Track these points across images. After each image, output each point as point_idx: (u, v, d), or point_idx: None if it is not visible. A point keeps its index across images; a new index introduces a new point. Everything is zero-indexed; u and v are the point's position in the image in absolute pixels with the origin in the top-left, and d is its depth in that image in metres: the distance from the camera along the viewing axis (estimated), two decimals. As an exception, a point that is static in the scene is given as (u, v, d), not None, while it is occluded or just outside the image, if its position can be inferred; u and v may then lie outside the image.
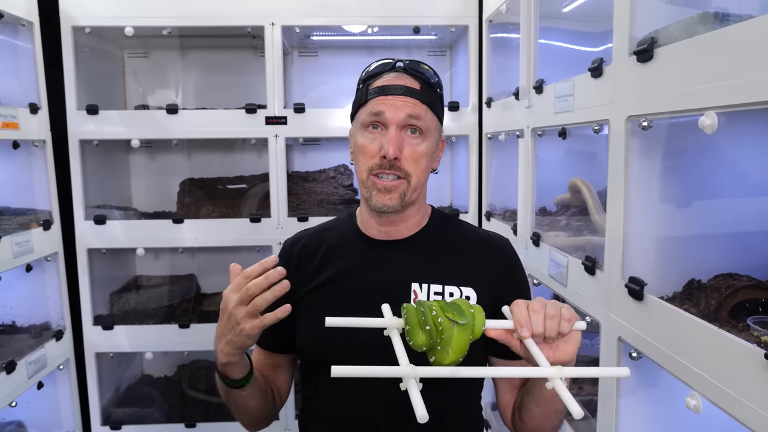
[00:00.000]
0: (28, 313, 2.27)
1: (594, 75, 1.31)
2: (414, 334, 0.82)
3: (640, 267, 1.19)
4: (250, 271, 0.91)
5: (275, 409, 1.18)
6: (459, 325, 0.81)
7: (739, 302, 1.00)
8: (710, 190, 1.20)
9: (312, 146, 2.78)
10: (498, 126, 2.16)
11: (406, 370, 0.72)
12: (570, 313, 0.85)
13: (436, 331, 0.81)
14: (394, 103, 1.04)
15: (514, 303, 0.88)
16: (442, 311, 0.82)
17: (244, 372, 1.02)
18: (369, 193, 1.06)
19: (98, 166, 2.44)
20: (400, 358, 0.76)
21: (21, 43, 2.16)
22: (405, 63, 1.09)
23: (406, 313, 0.84)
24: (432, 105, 1.07)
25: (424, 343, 0.82)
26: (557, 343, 0.86)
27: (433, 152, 1.10)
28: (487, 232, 1.19)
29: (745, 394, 0.83)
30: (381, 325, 0.84)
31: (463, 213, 2.42)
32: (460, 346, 0.81)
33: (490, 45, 2.27)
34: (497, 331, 0.86)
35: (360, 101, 1.09)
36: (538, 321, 0.84)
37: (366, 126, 1.06)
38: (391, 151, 1.01)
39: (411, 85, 1.06)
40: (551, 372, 0.77)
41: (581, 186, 1.59)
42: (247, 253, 2.69)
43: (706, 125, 0.89)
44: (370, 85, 1.08)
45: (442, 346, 0.80)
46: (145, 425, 2.46)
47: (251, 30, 2.31)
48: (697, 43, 0.94)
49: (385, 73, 1.08)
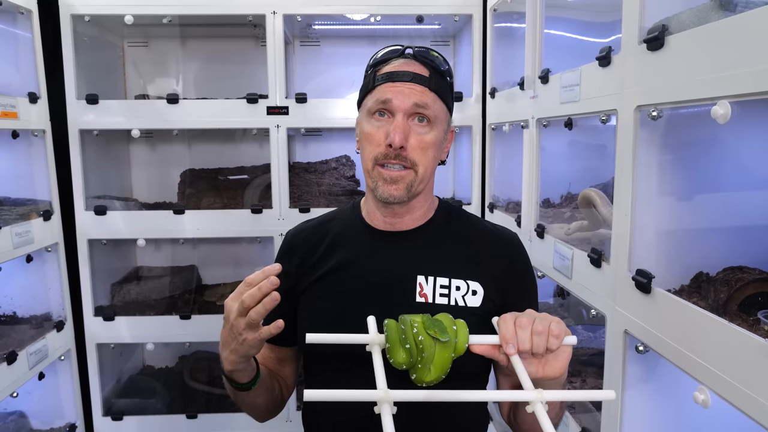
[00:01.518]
0: (28, 304, 2.27)
1: (602, 64, 1.29)
2: (394, 352, 0.81)
3: (646, 259, 1.17)
4: (252, 278, 0.89)
5: (283, 401, 1.17)
6: (441, 342, 0.80)
7: (750, 295, 0.98)
8: (718, 183, 1.18)
9: (314, 137, 2.75)
10: (502, 116, 2.14)
11: (380, 395, 0.72)
12: (559, 328, 0.83)
13: (417, 349, 0.80)
14: (402, 90, 1.01)
15: (501, 317, 0.86)
16: (423, 328, 0.80)
17: (251, 375, 1.01)
18: (375, 184, 1.04)
19: (98, 157, 2.42)
20: (378, 380, 0.75)
21: (20, 31, 2.13)
22: (414, 49, 1.07)
23: (386, 330, 0.82)
24: (441, 93, 1.05)
25: (404, 362, 0.81)
26: (546, 357, 0.84)
27: (441, 142, 1.07)
28: (495, 226, 1.16)
29: (756, 388, 0.82)
30: (363, 341, 0.83)
31: (466, 204, 2.41)
32: (442, 363, 0.80)
33: (494, 34, 2.24)
34: (483, 347, 0.84)
35: (367, 87, 1.07)
36: (525, 338, 0.82)
37: (372, 113, 1.04)
38: (397, 139, 0.99)
39: (420, 72, 1.03)
40: (532, 396, 0.75)
41: (595, 197, 1.48)
42: (248, 244, 2.68)
43: (719, 114, 0.86)
44: (378, 71, 1.06)
45: (423, 364, 0.80)
46: (146, 416, 2.46)
47: (252, 19, 2.28)
48: (710, 30, 0.92)
49: (394, 59, 1.06)
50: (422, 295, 1.04)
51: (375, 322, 0.86)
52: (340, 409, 1.06)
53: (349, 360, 1.03)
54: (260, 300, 0.87)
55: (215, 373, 2.59)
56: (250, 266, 2.75)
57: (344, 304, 1.06)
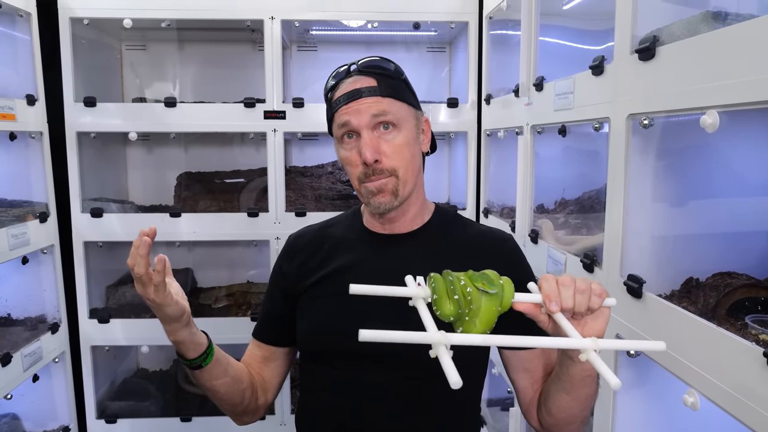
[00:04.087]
0: (23, 306, 2.26)
1: (595, 73, 1.31)
2: (441, 303, 0.79)
3: (638, 265, 1.19)
4: (136, 243, 0.93)
5: (255, 402, 1.16)
6: (488, 295, 0.77)
7: (738, 300, 1.00)
8: (708, 189, 1.20)
9: (310, 141, 2.77)
10: (497, 123, 2.16)
11: (437, 337, 0.69)
12: (600, 288, 0.83)
13: (465, 300, 0.77)
14: (357, 108, 1.03)
15: (542, 277, 0.84)
16: (470, 281, 0.79)
17: (198, 352, 1.03)
18: (366, 199, 1.07)
19: (95, 159, 2.42)
20: (428, 326, 0.73)
21: (18, 34, 2.14)
22: (358, 64, 1.09)
23: (433, 283, 0.81)
24: (396, 94, 1.06)
25: (452, 313, 0.78)
26: (585, 319, 0.83)
27: (415, 137, 1.09)
28: (490, 228, 1.18)
29: (744, 391, 0.84)
30: (407, 294, 0.81)
31: (460, 210, 2.43)
32: (489, 317, 0.78)
33: (489, 42, 2.27)
34: (525, 304, 0.82)
35: (329, 115, 1.10)
36: (568, 295, 0.81)
37: (341, 139, 1.07)
38: (368, 155, 1.01)
39: (368, 85, 1.05)
40: (586, 344, 0.72)
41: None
42: (244, 247, 2.69)
43: (707, 124, 0.89)
44: (332, 97, 1.09)
45: (470, 316, 0.77)
46: (140, 419, 2.46)
47: (250, 24, 2.30)
48: (700, 42, 0.94)
49: (342, 81, 1.08)
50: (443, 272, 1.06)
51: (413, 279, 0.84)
52: (334, 415, 1.07)
53: (349, 358, 1.05)
54: None
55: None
56: (245, 269, 2.76)
57: (343, 303, 1.07)
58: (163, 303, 0.94)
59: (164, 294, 0.94)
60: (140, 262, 0.91)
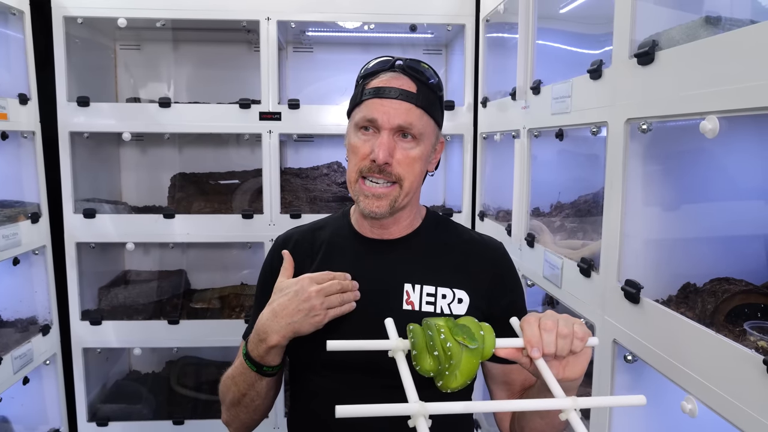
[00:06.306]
0: (14, 307, 2.23)
1: (593, 77, 1.31)
2: (421, 359, 0.78)
3: (635, 270, 1.19)
4: (334, 274, 1.01)
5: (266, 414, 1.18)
6: (469, 349, 0.77)
7: (736, 306, 1.00)
8: (706, 194, 1.20)
9: (305, 143, 2.76)
10: (493, 126, 2.16)
11: (415, 408, 0.68)
12: (583, 330, 0.83)
13: (445, 356, 0.77)
14: (387, 110, 1.01)
15: (524, 320, 0.84)
16: (450, 334, 0.78)
17: (281, 356, 1.04)
18: (356, 197, 1.06)
19: (88, 159, 2.40)
20: (408, 391, 0.72)
21: (11, 32, 2.12)
22: (404, 62, 1.07)
23: (413, 336, 0.80)
24: (429, 108, 1.05)
25: (432, 369, 0.78)
26: (568, 359, 0.84)
27: (429, 155, 1.08)
28: (481, 236, 1.18)
29: (742, 398, 0.83)
30: (386, 347, 0.80)
31: (456, 213, 2.42)
32: (470, 368, 0.78)
33: (486, 44, 2.26)
34: (507, 350, 0.83)
35: (356, 100, 1.07)
36: (550, 341, 0.81)
37: (359, 127, 1.05)
38: (381, 156, 1.00)
39: (407, 88, 1.03)
40: (565, 404, 0.74)
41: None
42: (238, 249, 2.67)
43: (707, 129, 0.88)
44: (367, 84, 1.06)
45: (450, 370, 0.77)
46: (132, 422, 2.43)
47: (246, 24, 2.28)
48: (699, 47, 0.94)
49: (383, 72, 1.06)
50: (409, 302, 1.05)
51: (394, 325, 0.83)
52: (323, 422, 1.06)
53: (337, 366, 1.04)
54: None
55: (202, 379, 2.57)
56: (239, 271, 2.74)
57: None
58: (317, 326, 0.99)
59: (324, 321, 0.99)
60: (345, 307, 1.01)
